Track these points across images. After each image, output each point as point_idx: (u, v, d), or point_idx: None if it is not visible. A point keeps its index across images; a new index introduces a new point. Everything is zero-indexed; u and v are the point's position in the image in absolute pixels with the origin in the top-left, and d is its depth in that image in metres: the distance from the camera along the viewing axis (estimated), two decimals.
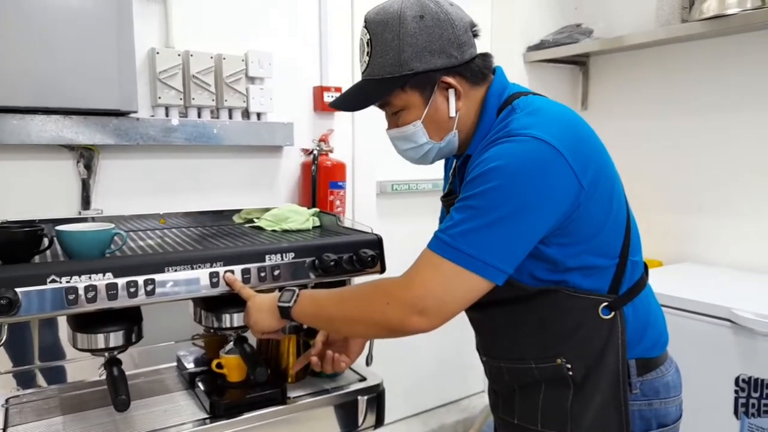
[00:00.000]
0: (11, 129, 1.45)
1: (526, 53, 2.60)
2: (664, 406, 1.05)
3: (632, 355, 1.02)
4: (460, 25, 1.01)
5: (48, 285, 1.06)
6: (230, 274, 1.23)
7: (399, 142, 1.09)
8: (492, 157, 0.92)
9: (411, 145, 1.08)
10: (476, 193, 0.91)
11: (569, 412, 1.02)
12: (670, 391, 1.06)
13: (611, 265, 1.01)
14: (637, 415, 1.02)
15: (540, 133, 0.92)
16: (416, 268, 0.96)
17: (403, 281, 0.96)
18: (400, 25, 0.99)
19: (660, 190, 2.47)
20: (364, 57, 1.05)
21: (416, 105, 1.03)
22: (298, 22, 1.98)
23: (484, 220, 0.90)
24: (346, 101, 1.09)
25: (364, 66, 1.05)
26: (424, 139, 1.06)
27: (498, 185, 0.90)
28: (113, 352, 1.21)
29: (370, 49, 1.03)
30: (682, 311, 1.80)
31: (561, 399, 1.03)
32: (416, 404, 2.56)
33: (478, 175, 0.92)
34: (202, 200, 1.82)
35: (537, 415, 1.05)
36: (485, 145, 0.98)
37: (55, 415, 1.31)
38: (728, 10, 1.96)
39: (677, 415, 1.08)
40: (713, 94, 2.27)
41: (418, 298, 0.93)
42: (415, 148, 1.08)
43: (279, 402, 1.32)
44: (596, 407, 1.01)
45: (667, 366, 1.07)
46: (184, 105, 1.72)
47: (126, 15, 1.53)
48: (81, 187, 1.63)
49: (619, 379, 1.00)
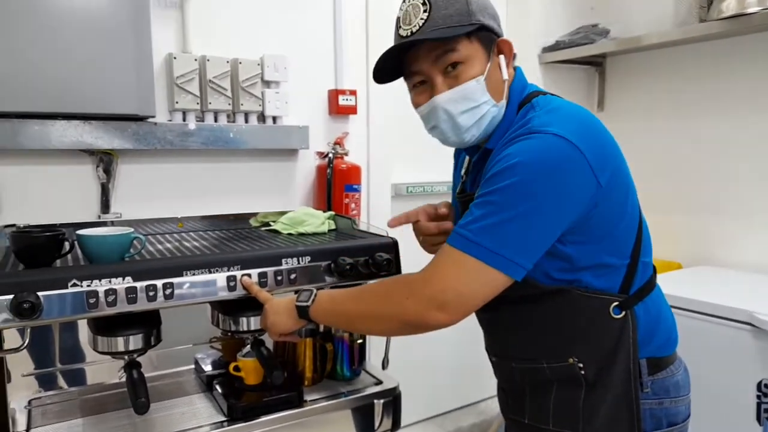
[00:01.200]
0: (32, 134, 1.48)
1: (541, 54, 2.59)
2: (674, 405, 1.05)
3: (643, 354, 1.02)
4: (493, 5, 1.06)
5: (69, 289, 1.08)
6: (247, 277, 1.24)
7: (454, 104, 1.01)
8: (513, 153, 0.93)
9: (469, 105, 1.01)
10: (497, 188, 0.92)
11: (581, 411, 1.02)
12: (680, 390, 1.07)
13: (623, 264, 1.02)
14: (648, 414, 1.03)
15: (560, 130, 0.92)
16: (436, 262, 0.96)
17: (423, 276, 0.97)
18: None
19: (679, 191, 2.44)
20: (421, 15, 0.99)
21: (479, 59, 1.01)
22: (313, 26, 1.99)
23: (504, 216, 0.90)
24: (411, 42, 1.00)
25: (420, 23, 0.99)
26: (486, 97, 1.01)
27: (519, 181, 0.90)
28: (133, 354, 1.22)
29: (428, 6, 0.99)
30: (702, 315, 1.77)
31: (573, 398, 1.03)
32: (432, 407, 2.55)
33: (500, 171, 0.92)
34: (218, 203, 1.83)
35: (549, 414, 1.05)
36: (506, 142, 0.99)
37: (76, 416, 1.33)
38: (748, 9, 1.93)
39: (686, 414, 1.08)
40: (733, 95, 2.24)
41: (439, 292, 0.93)
42: (473, 110, 1.01)
43: (296, 405, 1.33)
44: (608, 406, 1.01)
45: (677, 365, 1.08)
46: (201, 109, 1.74)
47: (144, 21, 1.54)
48: (100, 191, 1.65)
49: (631, 377, 1.01)
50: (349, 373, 1.49)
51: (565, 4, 2.65)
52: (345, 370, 1.49)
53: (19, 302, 1.02)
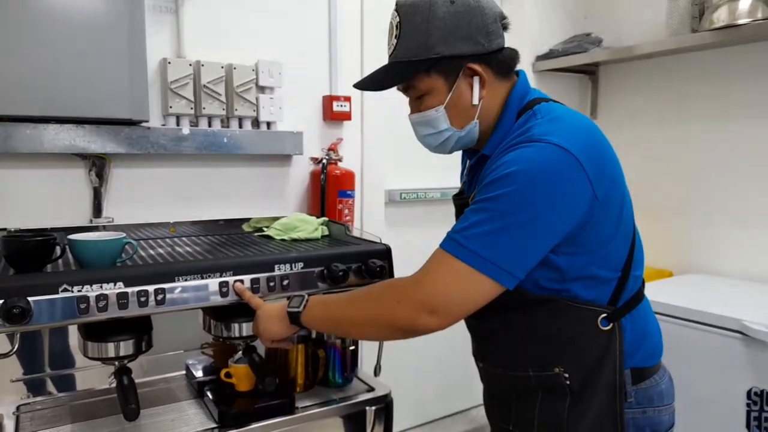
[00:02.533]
0: (24, 137, 1.47)
1: (535, 62, 2.61)
2: (657, 414, 1.06)
3: (628, 364, 1.03)
4: (491, 14, 1.02)
5: (60, 294, 1.07)
6: (239, 283, 1.24)
7: (419, 127, 1.09)
8: (511, 161, 0.92)
9: (431, 130, 1.07)
10: (493, 196, 0.91)
11: (566, 421, 1.02)
12: (663, 399, 1.07)
13: (614, 277, 1.01)
14: (631, 423, 1.03)
15: (560, 140, 0.92)
16: (428, 267, 0.96)
17: (414, 280, 0.96)
18: (430, 9, 1.00)
19: (670, 200, 2.46)
20: (392, 40, 1.05)
21: (439, 90, 1.03)
22: (308, 32, 2.00)
23: (499, 224, 0.90)
24: (371, 82, 1.08)
25: (392, 49, 1.05)
26: (445, 125, 1.05)
27: (515, 190, 0.90)
28: (123, 360, 1.22)
29: (398, 32, 1.03)
30: (693, 323, 1.78)
31: (558, 408, 1.03)
32: (423, 414, 2.55)
33: (497, 178, 0.92)
34: (211, 209, 1.83)
35: (533, 423, 1.05)
36: (504, 149, 0.98)
37: (65, 422, 1.31)
38: (739, 20, 1.96)
39: (670, 423, 1.09)
40: (723, 104, 2.27)
41: (429, 296, 0.93)
42: (435, 134, 1.07)
43: (287, 412, 1.32)
44: (592, 416, 1.01)
45: (660, 375, 1.08)
46: (195, 114, 1.73)
47: (138, 25, 1.54)
48: (92, 196, 1.64)
49: (616, 389, 1.01)
50: (341, 380, 1.49)
51: (559, 13, 2.67)
52: (337, 377, 1.49)
53: (9, 307, 1.01)
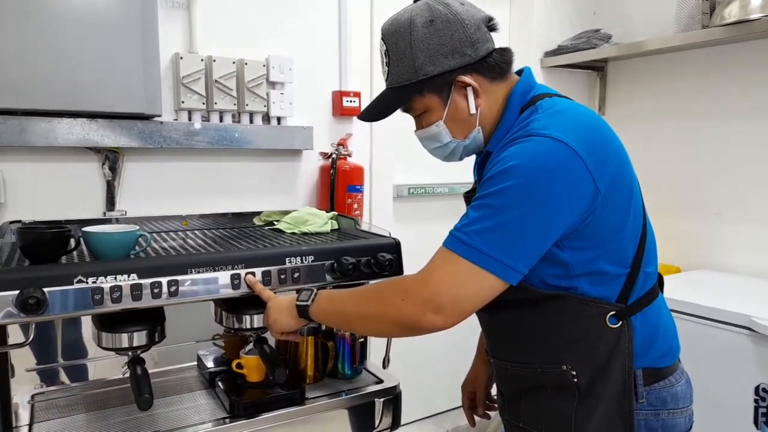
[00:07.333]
0: (39, 131, 1.49)
1: (543, 58, 2.60)
2: (671, 416, 1.03)
3: (640, 364, 1.01)
4: (471, 23, 1.02)
5: (75, 285, 1.09)
6: (251, 276, 1.25)
7: (425, 142, 1.13)
8: (510, 156, 0.92)
9: (436, 144, 1.10)
10: (493, 191, 0.92)
11: (573, 419, 1.01)
12: (678, 401, 1.04)
13: (622, 273, 1.00)
14: (642, 425, 1.01)
15: (558, 134, 0.91)
16: (432, 265, 0.96)
17: (419, 278, 0.96)
18: (411, 33, 1.01)
19: (678, 196, 2.45)
20: (384, 67, 1.08)
21: (436, 107, 1.06)
22: (318, 27, 2.01)
23: (500, 219, 0.90)
24: (372, 112, 1.11)
25: (385, 76, 1.09)
26: (448, 138, 1.08)
27: (514, 184, 0.90)
28: (137, 351, 1.24)
29: (387, 59, 1.06)
30: (701, 319, 1.78)
31: (566, 406, 1.02)
32: (431, 406, 2.56)
33: (496, 173, 0.92)
34: (223, 202, 1.85)
35: (542, 420, 1.05)
36: (504, 144, 0.99)
37: (78, 412, 1.34)
38: (751, 15, 1.94)
39: (687, 426, 1.06)
40: (733, 100, 2.25)
41: (434, 295, 0.92)
42: (441, 147, 1.11)
43: (297, 403, 1.34)
44: (601, 416, 1.00)
45: (677, 376, 1.06)
46: (207, 109, 1.75)
47: (151, 21, 1.56)
48: (106, 189, 1.66)
49: (625, 388, 0.99)
50: (350, 372, 1.50)
51: (568, 9, 2.66)
52: (346, 369, 1.50)
53: (24, 298, 1.03)
